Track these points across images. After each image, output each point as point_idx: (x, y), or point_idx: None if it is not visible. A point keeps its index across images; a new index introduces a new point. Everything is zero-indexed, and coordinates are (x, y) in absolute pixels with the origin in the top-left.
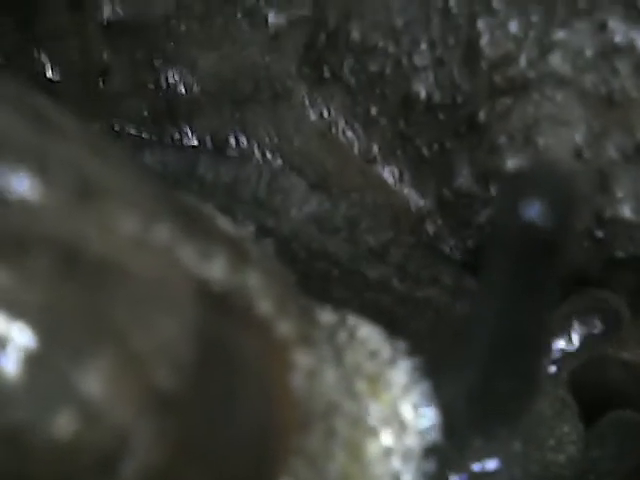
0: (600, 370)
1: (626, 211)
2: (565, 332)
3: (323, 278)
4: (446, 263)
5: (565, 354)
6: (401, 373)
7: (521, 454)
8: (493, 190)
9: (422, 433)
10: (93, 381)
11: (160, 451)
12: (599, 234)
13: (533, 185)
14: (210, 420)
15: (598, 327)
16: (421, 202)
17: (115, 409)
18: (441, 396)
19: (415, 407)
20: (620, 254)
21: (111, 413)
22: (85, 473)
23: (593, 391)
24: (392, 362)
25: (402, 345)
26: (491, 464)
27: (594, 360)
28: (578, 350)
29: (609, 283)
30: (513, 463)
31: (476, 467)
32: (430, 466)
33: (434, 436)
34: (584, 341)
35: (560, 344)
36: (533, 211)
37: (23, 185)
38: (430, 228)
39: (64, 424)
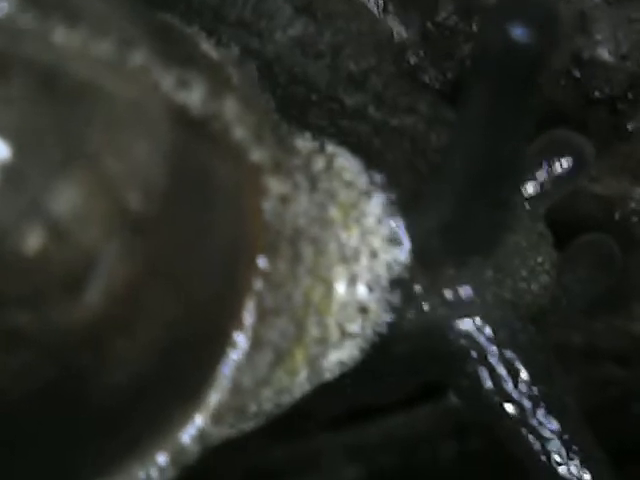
0: (572, 202)
1: (604, 53)
2: (535, 171)
3: (302, 104)
4: (424, 92)
5: (540, 190)
6: (375, 205)
7: (493, 281)
8: (476, 25)
9: (390, 265)
10: (64, 200)
11: (127, 271)
12: (577, 74)
13: (519, 8)
14: (179, 242)
15: (564, 167)
16: (404, 33)
17: (84, 228)
18: (415, 227)
19: (386, 239)
20: (597, 94)
21: (80, 232)
22: (52, 290)
23: (565, 222)
24: (367, 194)
25: (378, 177)
26: (463, 291)
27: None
28: (551, 187)
29: (585, 121)
30: (485, 290)
31: (448, 294)
32: (395, 297)
33: (401, 269)
34: (555, 178)
35: (534, 181)
36: (519, 31)
37: (3, 9)
38: (412, 58)
39: (33, 239)
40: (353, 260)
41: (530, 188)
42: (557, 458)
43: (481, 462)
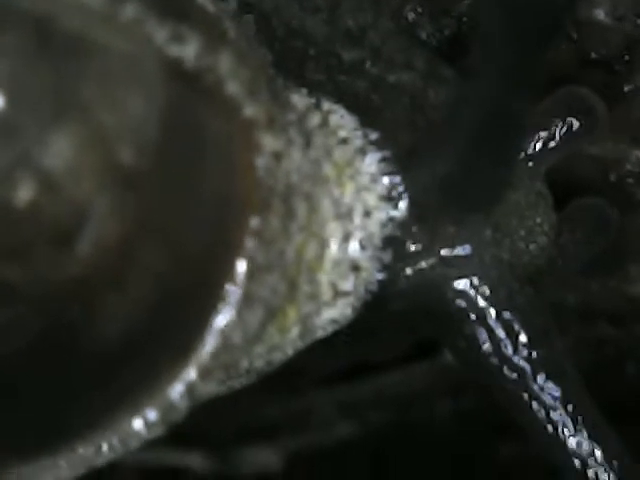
0: (568, 164)
1: (600, 14)
2: (544, 128)
3: (299, 58)
4: (421, 49)
5: (544, 149)
6: (370, 163)
7: (492, 241)
8: None
9: (384, 223)
10: (56, 153)
11: (117, 225)
12: (573, 35)
13: None
14: (170, 197)
15: (576, 123)
16: None
17: (75, 182)
18: (414, 184)
19: (380, 198)
20: (593, 55)
21: (71, 185)
22: (42, 243)
23: (561, 183)
24: (362, 151)
25: (374, 135)
26: (461, 249)
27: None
28: (557, 146)
29: (581, 82)
30: (483, 250)
31: (446, 252)
32: (388, 256)
33: (395, 227)
34: (563, 137)
35: (540, 139)
36: None
37: None
38: (410, 14)
39: (23, 191)
40: (347, 218)
41: (536, 145)
42: (564, 430)
43: (476, 420)
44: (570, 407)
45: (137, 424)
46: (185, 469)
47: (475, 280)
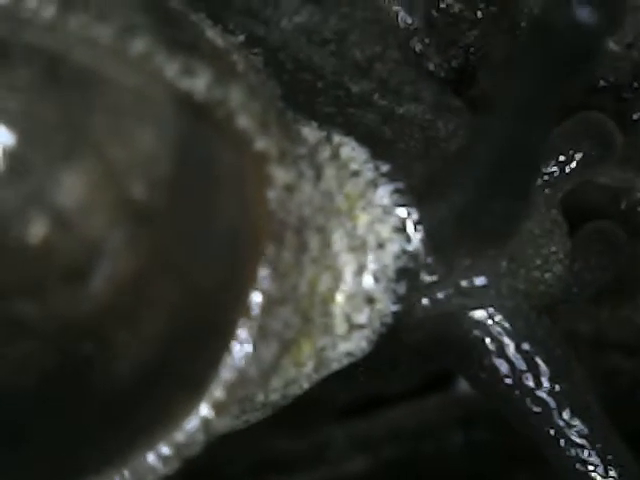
0: (577, 193)
1: (609, 41)
2: (562, 154)
3: (308, 91)
4: (429, 80)
5: (561, 175)
6: (382, 195)
7: (508, 272)
8: (481, 12)
9: (398, 255)
10: (67, 189)
11: (130, 261)
12: None
13: None
14: (184, 231)
15: (594, 150)
16: (409, 19)
17: (87, 218)
18: (430, 216)
19: (393, 229)
20: (602, 83)
21: (83, 222)
22: (55, 280)
23: (570, 213)
24: (374, 183)
25: (386, 167)
26: (478, 281)
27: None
28: (574, 172)
29: (590, 109)
30: (500, 281)
31: (463, 283)
32: (402, 288)
33: (409, 259)
34: (580, 163)
35: (556, 165)
36: (585, 10)
37: None
38: (417, 46)
39: (36, 228)
40: (360, 250)
41: (553, 171)
42: (595, 470)
43: (488, 453)
44: (599, 446)
45: (152, 459)
46: None
47: (491, 310)
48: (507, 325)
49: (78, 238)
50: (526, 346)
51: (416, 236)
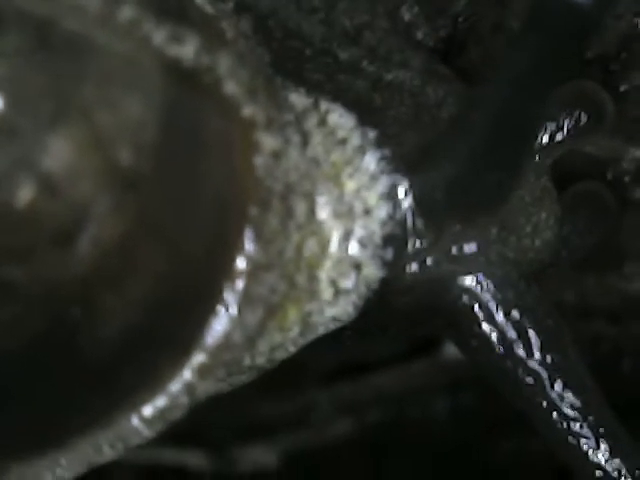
0: (564, 162)
1: None
2: (552, 121)
3: (296, 58)
4: (417, 48)
5: (551, 143)
6: (369, 162)
7: (498, 240)
8: None
9: (384, 221)
10: (55, 154)
11: (117, 226)
12: None
13: None
14: (170, 197)
15: (586, 118)
16: None
17: (75, 183)
18: (421, 183)
19: (380, 196)
20: (589, 54)
21: (71, 187)
22: (42, 244)
23: (557, 182)
24: (361, 150)
25: (373, 133)
26: (468, 248)
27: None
28: (564, 139)
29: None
30: (490, 248)
31: (453, 250)
32: (388, 254)
33: (396, 225)
34: (571, 130)
35: (547, 132)
36: None
37: None
38: (406, 15)
39: (23, 192)
40: (346, 216)
41: (543, 138)
42: (587, 443)
43: (473, 419)
44: (592, 420)
45: (136, 422)
46: (183, 467)
47: (481, 277)
48: (496, 292)
49: (65, 203)
50: (515, 314)
51: (404, 203)
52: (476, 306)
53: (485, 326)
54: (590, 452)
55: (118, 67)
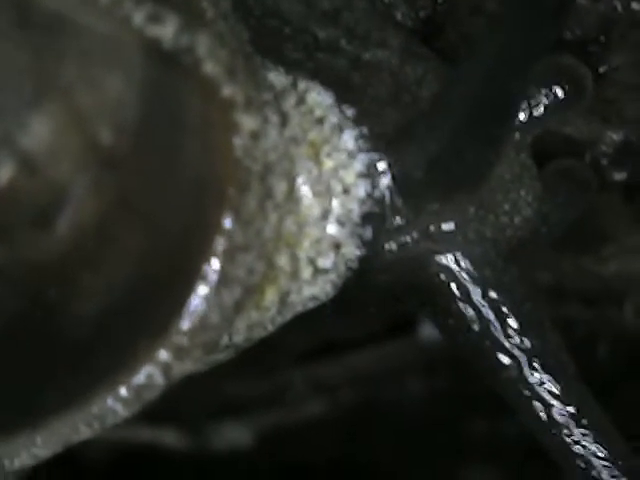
0: (542, 144)
1: None
2: (532, 97)
3: (275, 36)
4: (396, 28)
5: (530, 119)
6: (347, 140)
7: (476, 218)
8: None
9: (362, 200)
10: (35, 133)
11: (96, 205)
12: None
13: None
14: (149, 177)
15: (565, 94)
16: None
17: (54, 163)
18: (400, 161)
19: (358, 175)
20: (568, 35)
21: (50, 166)
22: (21, 224)
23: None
24: (339, 129)
25: (351, 111)
26: (446, 226)
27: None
28: (543, 115)
29: None
30: (467, 226)
31: (431, 228)
32: (367, 232)
33: (374, 203)
34: (550, 106)
35: (526, 108)
36: None
37: None
38: None
39: (3, 172)
40: (325, 195)
41: (523, 115)
42: (566, 432)
43: (448, 400)
44: (572, 408)
45: (112, 402)
46: (158, 445)
47: (459, 255)
48: (473, 271)
49: (44, 181)
50: (493, 294)
51: (383, 181)
52: (453, 284)
53: (462, 305)
54: (569, 437)
55: (99, 47)
